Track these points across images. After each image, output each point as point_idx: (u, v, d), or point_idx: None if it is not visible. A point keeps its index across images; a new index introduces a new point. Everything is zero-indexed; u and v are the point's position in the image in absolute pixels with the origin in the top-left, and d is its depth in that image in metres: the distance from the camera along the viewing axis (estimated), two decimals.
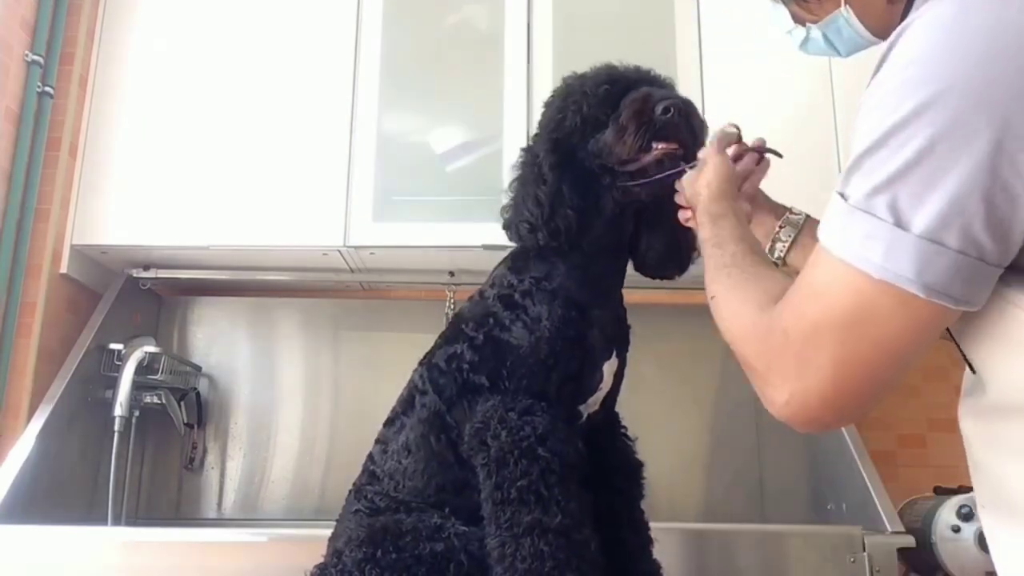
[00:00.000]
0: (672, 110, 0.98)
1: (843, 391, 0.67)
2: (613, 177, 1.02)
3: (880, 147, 0.64)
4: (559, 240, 1.02)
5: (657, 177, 1.00)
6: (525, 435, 0.93)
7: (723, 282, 0.86)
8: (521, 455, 0.92)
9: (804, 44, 1.01)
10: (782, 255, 1.06)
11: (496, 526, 0.92)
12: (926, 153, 0.61)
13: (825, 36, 0.96)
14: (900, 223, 0.62)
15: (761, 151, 1.09)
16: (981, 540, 1.41)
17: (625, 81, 1.04)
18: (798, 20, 0.98)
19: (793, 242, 1.06)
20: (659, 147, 0.99)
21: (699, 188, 0.96)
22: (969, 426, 0.75)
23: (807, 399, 0.68)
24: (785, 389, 0.69)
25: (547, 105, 1.11)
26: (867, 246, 0.63)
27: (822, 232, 0.69)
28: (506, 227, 1.08)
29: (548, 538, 0.89)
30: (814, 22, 0.95)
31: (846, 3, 0.88)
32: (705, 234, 0.94)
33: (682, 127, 1.00)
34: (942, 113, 0.61)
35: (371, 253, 1.88)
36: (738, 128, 1.07)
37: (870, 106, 0.67)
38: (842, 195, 0.67)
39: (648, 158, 0.99)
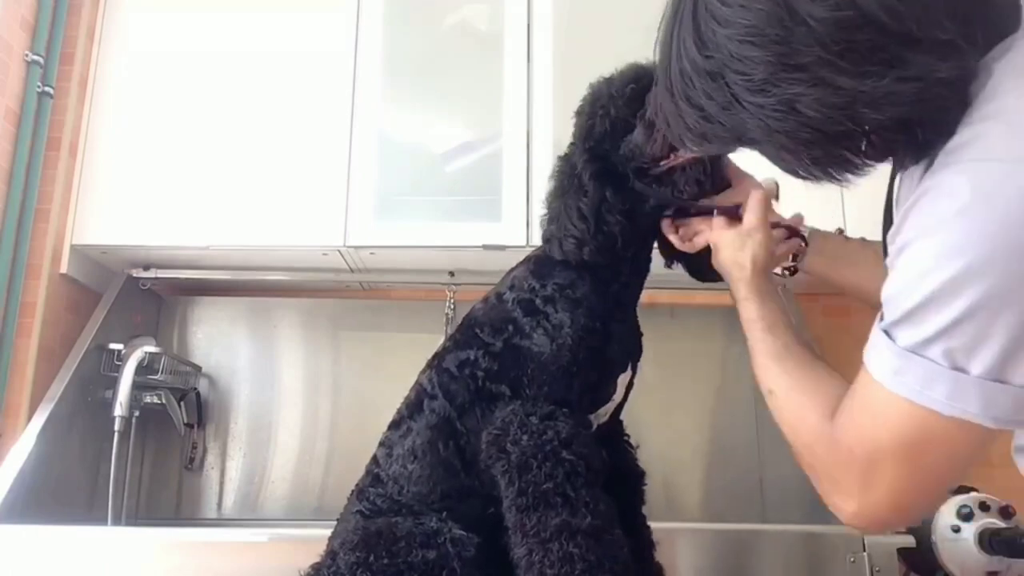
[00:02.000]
0: None
1: (911, 502, 0.72)
2: (646, 180, 0.99)
3: (927, 305, 0.65)
4: (607, 255, 1.00)
5: (685, 202, 0.98)
6: (548, 439, 0.91)
7: (781, 379, 0.87)
8: (545, 458, 0.90)
9: None
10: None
11: (522, 534, 0.89)
12: (974, 311, 0.62)
13: None
14: (958, 367, 0.64)
15: (795, 231, 1.06)
16: (981, 540, 1.41)
17: (651, 77, 0.96)
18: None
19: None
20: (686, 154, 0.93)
21: (743, 261, 0.96)
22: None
23: (876, 512, 0.73)
24: (853, 502, 0.74)
25: (578, 114, 1.07)
26: (930, 387, 0.65)
27: (871, 365, 0.71)
28: (547, 240, 1.05)
29: (577, 540, 0.86)
30: None
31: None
32: (752, 313, 0.94)
33: None
34: (983, 280, 0.61)
35: (371, 253, 1.88)
36: (777, 184, 1.04)
37: (912, 263, 0.67)
38: (887, 333, 0.69)
39: (678, 160, 0.95)
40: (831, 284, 1.07)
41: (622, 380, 1.06)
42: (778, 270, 1.05)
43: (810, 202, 0.99)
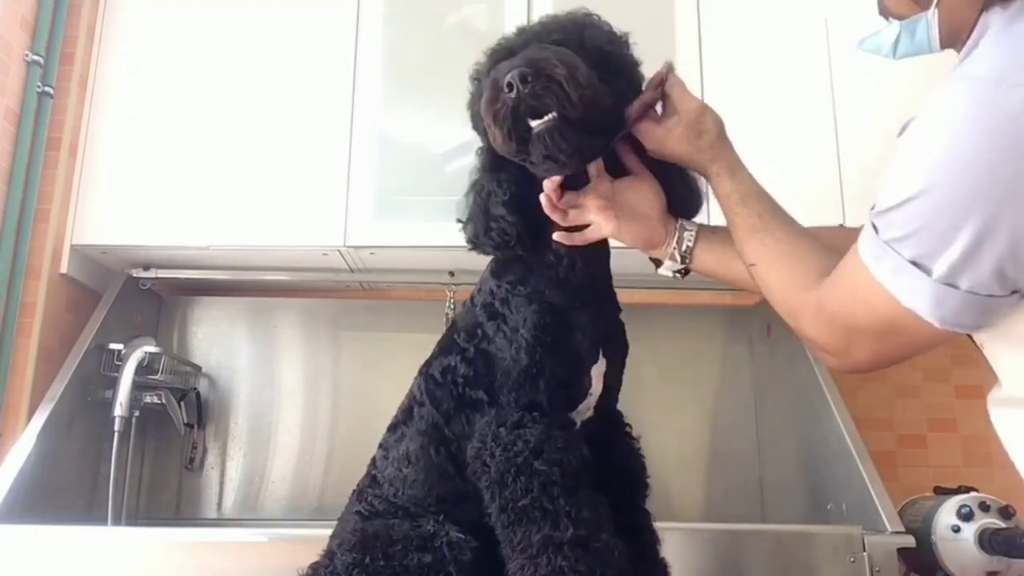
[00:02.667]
0: (514, 87, 0.83)
1: (882, 364, 0.83)
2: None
3: (902, 208, 0.73)
4: (504, 249, 0.97)
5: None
6: (518, 450, 0.90)
7: (761, 252, 0.92)
8: (518, 472, 0.89)
9: (867, 39, 0.96)
10: (690, 247, 1.02)
11: (511, 548, 0.89)
12: (934, 222, 0.70)
13: (899, 35, 0.91)
14: (920, 267, 0.72)
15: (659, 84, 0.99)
16: (981, 540, 1.41)
17: (504, 55, 0.91)
18: (885, 13, 0.93)
19: (695, 241, 1.02)
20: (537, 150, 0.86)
21: (707, 127, 0.95)
22: (993, 414, 0.84)
23: (857, 368, 0.85)
24: (835, 360, 0.85)
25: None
26: (897, 279, 0.74)
27: (862, 247, 0.78)
28: (467, 241, 1.02)
29: (565, 551, 0.85)
30: (900, 19, 0.90)
31: (936, 6, 0.85)
32: (724, 188, 0.95)
33: (547, 94, 0.83)
34: (945, 196, 0.70)
35: (371, 253, 1.88)
36: (669, 64, 1.00)
37: (898, 163, 0.75)
38: (874, 226, 0.76)
39: (533, 166, 0.90)
40: (724, 280, 1.04)
41: (596, 372, 1.02)
42: (668, 272, 1.03)
43: (808, 192, 1.00)
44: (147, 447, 2.02)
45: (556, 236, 0.98)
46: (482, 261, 1.86)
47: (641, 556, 1.04)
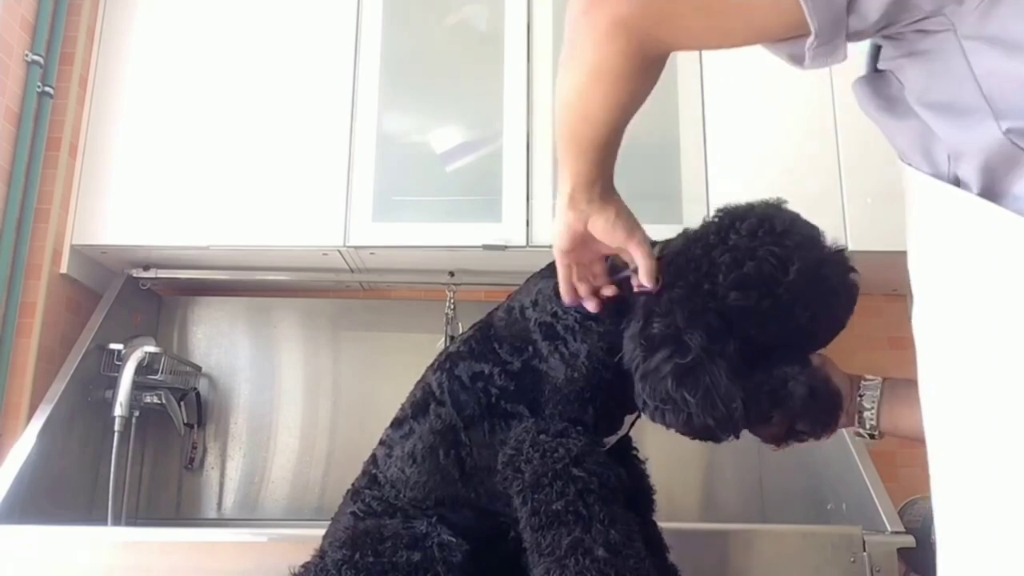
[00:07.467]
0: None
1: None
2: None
3: None
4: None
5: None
6: (559, 456, 0.90)
7: None
8: (555, 476, 0.88)
9: None
10: (874, 423, 0.98)
11: (538, 553, 0.88)
12: None
13: None
14: None
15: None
16: None
17: (816, 260, 0.87)
18: None
19: (879, 407, 0.97)
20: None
21: None
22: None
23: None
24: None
25: (694, 241, 0.89)
26: None
27: None
28: (659, 407, 0.89)
29: (595, 555, 0.84)
30: None
31: None
32: None
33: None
34: None
35: (371, 253, 1.88)
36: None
37: None
38: None
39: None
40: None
41: (628, 418, 1.05)
42: (860, 430, 0.98)
43: (808, 192, 0.99)
44: (147, 447, 2.01)
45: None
46: (481, 261, 1.88)
47: (658, 565, 1.05)
